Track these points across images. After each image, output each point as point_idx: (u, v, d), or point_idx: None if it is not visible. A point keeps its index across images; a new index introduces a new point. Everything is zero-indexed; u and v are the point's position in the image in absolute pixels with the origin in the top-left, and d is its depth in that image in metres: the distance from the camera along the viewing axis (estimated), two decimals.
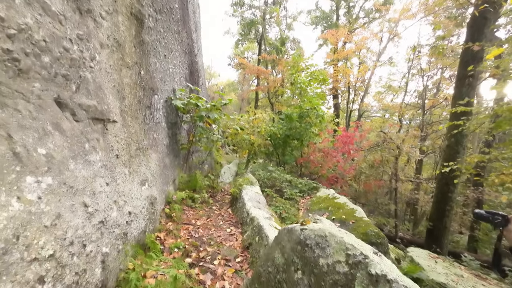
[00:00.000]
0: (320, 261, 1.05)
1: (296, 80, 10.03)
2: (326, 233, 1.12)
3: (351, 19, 20.25)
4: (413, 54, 15.31)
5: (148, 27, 3.27)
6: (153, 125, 3.39)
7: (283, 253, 1.40)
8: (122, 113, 2.29)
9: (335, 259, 0.99)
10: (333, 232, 1.10)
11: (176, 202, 4.04)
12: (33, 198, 1.06)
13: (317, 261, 1.06)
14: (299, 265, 1.21)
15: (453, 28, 10.50)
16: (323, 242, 1.10)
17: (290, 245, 1.35)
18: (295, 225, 1.43)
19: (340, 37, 16.03)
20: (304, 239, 1.23)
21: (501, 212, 1.10)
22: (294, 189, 6.13)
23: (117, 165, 2.06)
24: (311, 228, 1.23)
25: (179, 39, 5.18)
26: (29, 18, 1.14)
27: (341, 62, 18.98)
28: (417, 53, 11.77)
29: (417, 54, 11.85)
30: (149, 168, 2.97)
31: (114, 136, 2.05)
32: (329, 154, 8.69)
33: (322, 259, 1.05)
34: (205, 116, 4.75)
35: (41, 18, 1.23)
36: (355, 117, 24.06)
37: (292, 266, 1.26)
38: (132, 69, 2.55)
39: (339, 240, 1.03)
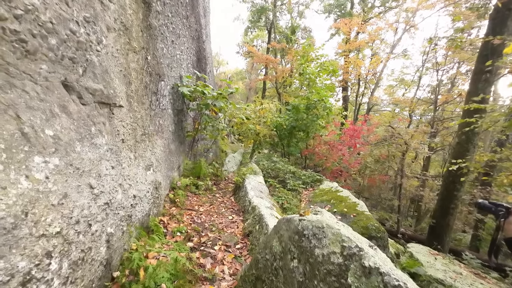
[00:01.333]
0: (316, 251, 1.07)
1: (305, 71, 9.83)
2: (323, 224, 1.13)
3: (366, 8, 19.45)
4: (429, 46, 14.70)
5: (156, 11, 3.23)
6: (159, 111, 3.41)
7: (281, 241, 1.42)
8: (128, 98, 2.31)
9: (331, 250, 1.00)
10: (331, 224, 1.11)
11: (180, 188, 4.13)
12: (41, 178, 1.10)
13: (313, 251, 1.08)
14: (296, 254, 1.24)
15: (474, 20, 9.97)
16: (320, 233, 1.11)
17: (288, 234, 1.37)
18: (294, 215, 1.45)
19: (353, 27, 15.47)
20: (302, 229, 1.25)
21: (505, 204, 1.09)
22: (297, 180, 6.15)
23: (123, 149, 2.10)
24: (309, 219, 1.24)
25: (187, 24, 5.11)
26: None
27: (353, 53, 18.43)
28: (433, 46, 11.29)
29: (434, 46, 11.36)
30: (154, 153, 3.02)
31: (120, 121, 2.08)
32: (335, 147, 8.61)
33: (318, 249, 1.06)
34: (211, 104, 4.75)
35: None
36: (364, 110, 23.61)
37: (288, 254, 1.29)
38: (139, 54, 2.54)
39: (335, 232, 1.04)
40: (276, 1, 17.00)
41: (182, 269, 1.66)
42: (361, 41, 15.35)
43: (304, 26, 19.30)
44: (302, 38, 19.38)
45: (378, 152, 8.68)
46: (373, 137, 9.47)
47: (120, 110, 2.09)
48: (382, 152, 8.37)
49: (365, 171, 8.67)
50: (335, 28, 19.78)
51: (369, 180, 8.56)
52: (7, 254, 0.90)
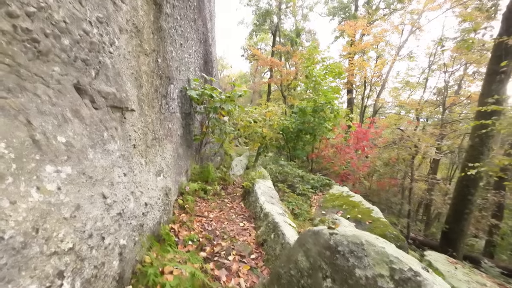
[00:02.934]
0: (357, 271, 0.95)
1: (311, 73, 9.74)
2: (362, 240, 1.02)
3: (371, 10, 19.36)
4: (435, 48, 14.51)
5: (166, 14, 3.17)
6: (169, 115, 3.34)
7: (308, 256, 1.31)
8: (140, 101, 2.23)
9: (376, 272, 0.89)
10: (371, 241, 1.00)
11: (189, 193, 4.04)
12: (53, 189, 1.01)
13: (353, 271, 0.97)
14: (328, 272, 1.12)
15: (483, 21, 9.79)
16: (359, 250, 1.00)
17: (316, 249, 1.26)
18: (322, 227, 1.33)
19: (358, 29, 15.38)
20: (334, 245, 1.13)
21: None
22: (306, 184, 6.02)
23: (134, 155, 2.01)
24: (343, 234, 1.13)
25: (195, 27, 5.07)
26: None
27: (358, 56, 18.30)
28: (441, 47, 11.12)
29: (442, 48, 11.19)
30: (164, 158, 2.93)
31: (132, 125, 2.00)
32: (342, 150, 8.46)
33: (359, 269, 0.95)
34: (219, 107, 4.67)
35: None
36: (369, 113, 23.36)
37: (319, 272, 1.17)
38: (149, 57, 2.47)
39: (380, 250, 0.93)
40: (281, 4, 17.00)
41: (199, 285, 1.56)
42: (366, 43, 15.23)
43: (308, 29, 19.27)
44: (306, 41, 19.33)
45: (387, 155, 8.49)
46: (381, 140, 9.30)
47: (132, 114, 2.01)
48: (392, 155, 8.18)
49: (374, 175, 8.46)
50: (340, 30, 19.70)
51: (378, 183, 8.36)
52: (16, 277, 0.80)
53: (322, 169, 10.49)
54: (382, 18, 19.11)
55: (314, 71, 9.70)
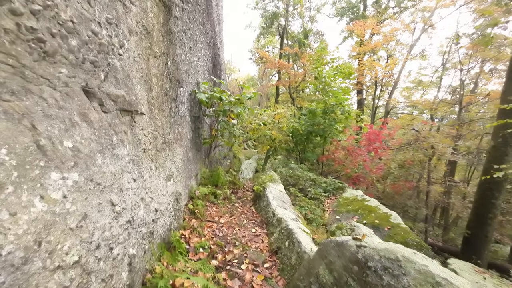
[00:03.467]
0: None
1: (320, 74, 9.59)
2: (398, 255, 0.90)
3: (380, 9, 19.01)
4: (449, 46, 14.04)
5: (175, 17, 3.15)
6: (178, 119, 3.29)
7: (331, 270, 1.19)
8: (150, 105, 2.18)
9: None
10: (409, 256, 0.88)
11: (199, 198, 3.97)
12: (58, 197, 0.95)
13: None
14: None
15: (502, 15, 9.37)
16: (395, 267, 0.88)
17: (341, 263, 1.14)
18: (346, 238, 1.21)
19: (367, 29, 15.12)
20: (363, 259, 1.01)
21: None
22: (318, 188, 5.85)
23: (144, 159, 1.96)
24: (373, 247, 1.00)
25: (203, 31, 5.06)
26: None
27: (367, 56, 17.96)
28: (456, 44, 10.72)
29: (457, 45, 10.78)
30: (174, 162, 2.88)
31: (142, 129, 1.95)
32: (354, 152, 8.21)
33: None
34: (229, 110, 4.61)
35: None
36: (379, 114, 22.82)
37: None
38: (159, 59, 2.44)
39: (422, 269, 0.81)
40: (288, 7, 16.96)
41: None
42: (376, 43, 14.93)
43: (316, 30, 19.09)
44: (314, 42, 19.16)
45: (402, 157, 8.18)
46: (394, 141, 8.98)
47: (142, 118, 1.95)
48: (407, 157, 7.87)
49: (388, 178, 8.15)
50: (349, 30, 19.44)
51: (392, 186, 8.04)
52: None
53: (333, 171, 10.25)
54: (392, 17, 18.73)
55: (323, 72, 9.54)
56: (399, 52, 18.65)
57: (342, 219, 4.17)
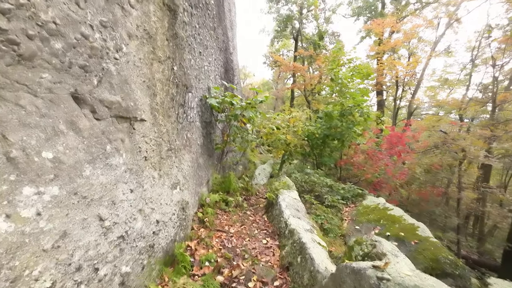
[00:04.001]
0: None
1: (336, 76, 9.24)
2: None
3: (400, 6, 18.21)
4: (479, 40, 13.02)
5: (183, 22, 3.11)
6: (187, 124, 3.23)
7: None
8: (153, 111, 2.11)
9: None
10: None
11: (209, 205, 3.86)
12: (30, 215, 0.84)
13: None
14: None
15: None
16: None
17: None
18: (364, 265, 1.00)
19: (386, 27, 14.48)
20: None
21: None
22: (335, 195, 5.52)
23: (145, 168, 1.87)
24: (399, 282, 0.79)
25: (214, 36, 5.03)
26: None
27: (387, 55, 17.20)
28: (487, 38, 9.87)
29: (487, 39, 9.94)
30: (181, 170, 2.79)
31: (143, 136, 1.87)
32: (375, 156, 7.74)
33: None
34: (240, 114, 4.51)
35: None
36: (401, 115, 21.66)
37: None
38: (164, 64, 2.37)
39: None
40: (302, 9, 16.76)
41: None
42: (397, 41, 14.23)
43: (332, 31, 18.66)
44: (330, 43, 18.72)
45: (428, 161, 7.56)
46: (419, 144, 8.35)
47: (143, 125, 1.88)
48: (434, 161, 7.24)
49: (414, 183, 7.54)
50: (366, 30, 18.80)
51: (418, 193, 7.42)
52: None
53: (352, 177, 9.76)
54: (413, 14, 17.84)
55: (339, 73, 9.19)
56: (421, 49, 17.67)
57: (362, 230, 3.85)
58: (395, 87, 17.96)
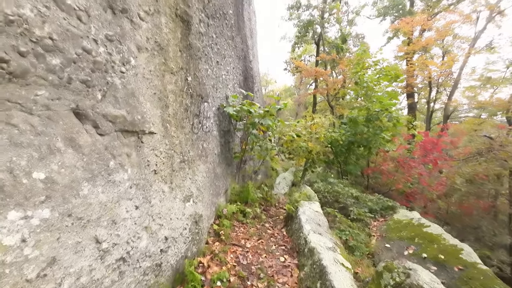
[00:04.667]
0: None
1: (361, 79, 8.77)
2: None
3: (431, 2, 17.04)
4: None
5: (199, 33, 3.12)
6: (202, 134, 3.18)
7: None
8: (164, 122, 2.08)
9: None
10: None
11: (227, 217, 3.76)
12: (13, 242, 0.79)
13: None
14: None
15: None
16: None
17: None
18: None
19: (416, 25, 13.56)
20: None
21: None
22: (362, 207, 5.10)
23: (154, 182, 1.82)
24: None
25: (232, 44, 5.04)
26: (28, 9, 0.91)
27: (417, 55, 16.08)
28: None
29: None
30: (195, 181, 2.72)
31: (152, 149, 1.83)
32: (407, 164, 7.09)
33: None
34: (258, 122, 4.40)
35: (49, 12, 1.00)
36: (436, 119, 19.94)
37: None
38: (177, 75, 2.35)
39: None
40: (324, 14, 16.45)
41: None
42: (429, 39, 13.23)
43: (355, 34, 18.02)
44: (354, 46, 18.07)
45: (471, 169, 6.70)
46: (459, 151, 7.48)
47: (152, 137, 1.84)
48: (478, 170, 6.40)
49: (454, 195, 6.69)
50: (393, 30, 17.86)
51: (460, 206, 6.55)
52: None
53: (380, 186, 9.06)
54: (446, 9, 16.57)
55: (365, 76, 8.71)
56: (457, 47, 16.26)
57: (393, 249, 3.45)
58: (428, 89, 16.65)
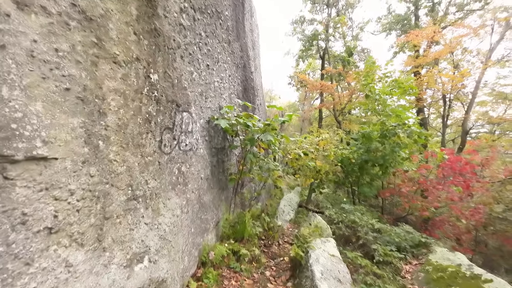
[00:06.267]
0: None
1: (372, 91, 8.02)
2: None
3: (437, 16, 16.70)
4: None
5: (180, 25, 2.41)
6: (179, 155, 2.35)
7: None
8: (92, 139, 1.26)
9: None
10: None
11: (213, 263, 2.82)
12: None
13: None
14: None
15: None
16: None
17: None
18: None
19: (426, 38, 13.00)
20: None
21: None
22: (387, 243, 4.08)
23: (46, 249, 0.96)
24: None
25: (229, 49, 4.35)
26: None
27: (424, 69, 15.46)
28: None
29: None
30: (158, 226, 1.84)
31: (43, 190, 0.99)
32: (433, 188, 6.07)
33: None
34: (258, 138, 3.58)
35: None
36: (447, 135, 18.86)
37: None
38: (128, 68, 1.57)
39: None
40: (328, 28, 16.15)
41: None
42: (440, 51, 12.57)
43: (361, 48, 17.60)
44: (359, 60, 17.60)
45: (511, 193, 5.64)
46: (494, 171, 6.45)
47: (47, 167, 1.01)
48: None
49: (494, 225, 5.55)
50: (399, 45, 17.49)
51: (504, 239, 5.39)
52: None
53: (395, 209, 7.97)
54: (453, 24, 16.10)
55: (376, 88, 7.96)
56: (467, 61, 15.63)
57: None
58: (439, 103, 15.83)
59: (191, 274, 2.53)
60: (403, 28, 18.29)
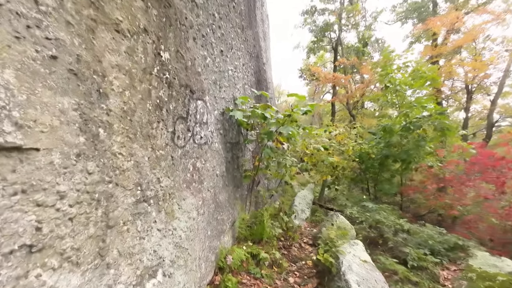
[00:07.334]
0: None
1: (392, 82, 7.50)
2: None
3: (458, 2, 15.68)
4: None
5: (192, 1, 2.12)
6: (194, 149, 2.07)
7: None
8: (91, 124, 0.99)
9: None
10: None
11: (231, 269, 2.55)
12: None
13: None
14: None
15: None
16: None
17: None
18: None
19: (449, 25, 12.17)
20: None
21: None
22: (417, 245, 3.70)
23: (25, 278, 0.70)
24: None
25: (243, 36, 4.03)
26: None
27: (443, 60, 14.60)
28: None
29: None
30: (173, 232, 1.56)
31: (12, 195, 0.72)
32: (462, 184, 5.59)
33: None
34: (276, 132, 3.26)
35: None
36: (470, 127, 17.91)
37: None
38: (134, 40, 1.28)
39: None
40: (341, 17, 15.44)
41: None
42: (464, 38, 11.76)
43: (375, 38, 16.80)
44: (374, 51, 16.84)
45: None
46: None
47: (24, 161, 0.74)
48: None
49: None
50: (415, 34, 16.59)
51: None
52: None
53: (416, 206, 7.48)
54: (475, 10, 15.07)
55: (395, 78, 7.44)
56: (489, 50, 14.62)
57: None
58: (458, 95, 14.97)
59: (208, 282, 2.27)
60: (420, 16, 17.34)
